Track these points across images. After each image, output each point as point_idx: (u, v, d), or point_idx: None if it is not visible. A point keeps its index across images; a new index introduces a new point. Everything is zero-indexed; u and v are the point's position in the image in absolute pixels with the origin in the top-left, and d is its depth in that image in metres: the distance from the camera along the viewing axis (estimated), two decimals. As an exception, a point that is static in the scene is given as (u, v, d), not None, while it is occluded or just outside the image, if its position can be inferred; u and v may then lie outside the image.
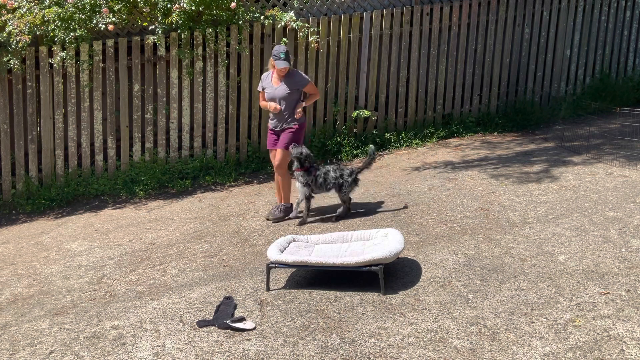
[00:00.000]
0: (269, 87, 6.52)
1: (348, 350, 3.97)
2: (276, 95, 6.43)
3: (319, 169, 6.36)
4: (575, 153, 7.89)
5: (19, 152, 8.05)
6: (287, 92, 6.39)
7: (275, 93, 6.44)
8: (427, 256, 5.25)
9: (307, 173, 6.30)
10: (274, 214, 6.55)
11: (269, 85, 6.52)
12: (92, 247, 6.43)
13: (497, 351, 3.84)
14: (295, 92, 6.43)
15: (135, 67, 8.13)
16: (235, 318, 4.41)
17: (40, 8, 7.75)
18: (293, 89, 6.41)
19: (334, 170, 6.35)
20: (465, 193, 6.75)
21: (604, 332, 3.94)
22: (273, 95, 6.46)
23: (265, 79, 6.61)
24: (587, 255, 5.02)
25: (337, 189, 6.34)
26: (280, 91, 6.41)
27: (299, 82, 6.45)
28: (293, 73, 6.51)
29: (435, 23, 9.08)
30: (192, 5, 7.80)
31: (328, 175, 6.32)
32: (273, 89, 6.47)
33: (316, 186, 6.34)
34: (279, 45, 6.49)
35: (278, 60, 6.29)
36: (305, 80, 6.51)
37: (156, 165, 8.28)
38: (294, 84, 6.42)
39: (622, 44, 10.13)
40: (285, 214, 6.56)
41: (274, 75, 6.50)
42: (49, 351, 4.32)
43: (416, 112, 9.23)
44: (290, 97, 6.41)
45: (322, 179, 6.31)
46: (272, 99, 6.48)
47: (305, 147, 6.35)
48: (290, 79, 6.43)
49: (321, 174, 6.32)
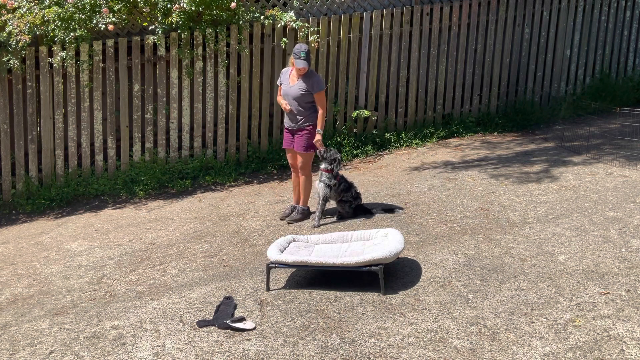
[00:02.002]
0: (285, 83, 6.45)
1: (348, 350, 3.97)
2: (289, 94, 6.36)
3: (342, 177, 6.38)
4: (575, 153, 7.89)
5: (19, 152, 8.05)
6: (301, 93, 6.29)
7: (289, 91, 6.37)
8: (427, 256, 5.25)
9: (333, 176, 6.29)
10: (292, 217, 6.46)
11: (286, 82, 6.45)
12: (92, 247, 6.42)
13: (497, 351, 3.84)
14: (308, 95, 6.31)
15: (135, 67, 8.13)
16: (235, 318, 4.41)
17: (40, 8, 7.75)
18: (307, 91, 6.29)
19: (355, 186, 6.40)
20: (465, 193, 6.75)
21: (604, 332, 3.94)
22: (287, 92, 6.40)
23: (284, 74, 6.53)
24: (587, 255, 5.02)
25: (343, 203, 6.34)
26: (294, 90, 6.33)
27: (314, 86, 6.29)
28: (312, 75, 6.37)
29: (435, 23, 9.08)
30: (192, 5, 7.80)
31: (351, 187, 6.36)
32: (288, 86, 6.40)
33: (336, 192, 6.31)
34: (301, 44, 6.34)
35: (298, 59, 6.20)
36: (320, 86, 6.32)
37: (156, 165, 8.28)
38: (309, 87, 6.29)
39: (622, 44, 10.13)
40: (304, 216, 6.48)
41: (292, 73, 6.41)
42: (49, 351, 4.32)
43: (416, 112, 9.23)
44: (302, 98, 6.31)
45: (343, 187, 6.30)
46: (285, 96, 6.43)
47: (339, 154, 6.37)
48: (307, 80, 6.31)
49: (345, 182, 6.33)
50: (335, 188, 6.28)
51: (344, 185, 6.32)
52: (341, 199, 6.32)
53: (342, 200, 6.32)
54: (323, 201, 6.30)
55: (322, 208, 6.30)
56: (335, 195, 6.32)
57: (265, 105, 8.62)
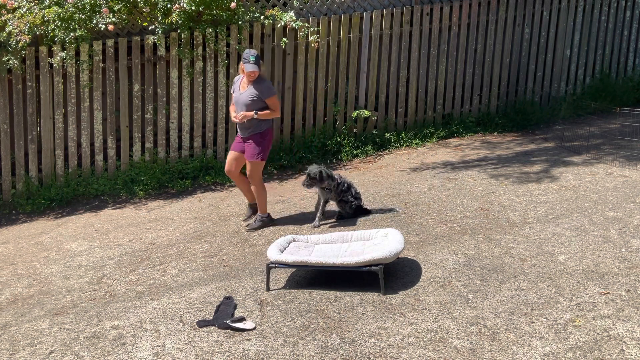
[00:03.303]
0: (237, 91, 6.19)
1: (348, 350, 3.97)
2: (240, 101, 6.10)
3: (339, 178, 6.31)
4: (575, 153, 7.89)
5: (19, 152, 8.05)
6: (251, 100, 6.02)
7: (240, 98, 6.10)
8: (427, 256, 5.25)
9: (331, 178, 6.19)
10: (252, 225, 6.30)
11: (237, 89, 6.20)
12: (92, 247, 6.43)
13: (497, 351, 3.84)
14: (258, 101, 6.05)
15: (135, 67, 8.13)
16: (235, 318, 4.41)
17: (40, 8, 7.75)
18: (257, 97, 6.03)
19: (354, 186, 6.36)
20: (465, 193, 6.75)
21: (604, 332, 3.94)
22: (237, 100, 6.13)
23: (235, 82, 6.29)
24: (587, 255, 5.02)
25: (344, 204, 6.31)
26: (244, 97, 6.07)
27: (264, 91, 6.05)
28: (262, 80, 6.09)
29: (435, 23, 9.08)
30: (192, 5, 7.80)
31: (351, 186, 6.32)
32: (239, 93, 6.14)
33: (336, 192, 6.26)
34: (250, 49, 6.13)
35: (247, 63, 5.93)
36: (270, 92, 6.09)
37: (156, 165, 8.28)
38: (260, 93, 6.04)
39: (622, 44, 10.13)
40: (264, 224, 6.31)
41: (243, 80, 6.17)
42: (49, 351, 4.32)
43: (416, 112, 9.23)
44: (253, 105, 6.03)
45: (343, 187, 6.25)
46: (236, 103, 6.16)
47: (319, 166, 6.18)
48: (257, 86, 6.05)
49: (344, 182, 6.28)
50: (335, 189, 6.26)
51: (344, 186, 6.30)
52: (341, 199, 6.31)
53: (342, 200, 6.31)
54: (324, 203, 6.29)
55: (322, 209, 6.27)
56: (335, 196, 6.30)
57: (265, 105, 8.62)
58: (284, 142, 8.69)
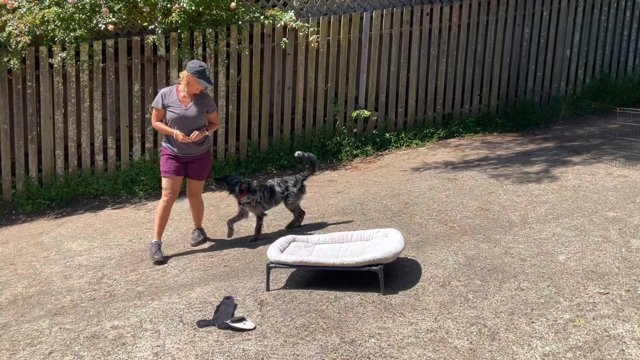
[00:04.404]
0: (176, 106, 5.67)
1: (348, 350, 3.97)
2: (187, 117, 5.65)
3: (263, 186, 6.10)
4: (575, 153, 7.89)
5: (19, 152, 8.05)
6: (201, 115, 5.69)
7: (187, 114, 5.65)
8: (427, 256, 5.25)
9: (252, 193, 5.96)
10: (196, 240, 6.08)
11: (176, 104, 5.68)
12: (92, 247, 6.42)
13: (497, 351, 3.84)
14: (204, 116, 5.76)
15: (135, 67, 8.13)
16: (235, 318, 4.41)
17: (40, 8, 7.74)
18: (203, 111, 5.72)
19: (278, 184, 6.10)
20: (465, 193, 6.75)
21: (604, 332, 3.94)
22: (184, 115, 5.64)
23: (167, 96, 5.72)
24: (587, 255, 5.02)
25: (284, 201, 6.14)
26: (192, 112, 5.66)
27: (212, 105, 5.79)
28: (205, 94, 5.80)
29: (435, 23, 9.08)
30: (192, 5, 7.80)
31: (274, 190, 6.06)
32: (182, 109, 5.65)
33: (266, 202, 6.04)
34: (197, 61, 5.72)
35: (202, 78, 5.51)
36: (213, 106, 5.83)
37: (156, 165, 8.27)
38: (205, 107, 5.74)
39: (622, 44, 10.13)
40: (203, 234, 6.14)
41: (181, 94, 5.69)
42: (49, 351, 4.32)
43: (416, 112, 9.23)
44: (200, 121, 5.71)
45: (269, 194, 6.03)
46: (181, 120, 5.65)
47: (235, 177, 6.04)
48: (202, 101, 5.73)
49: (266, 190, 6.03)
50: (261, 202, 6.01)
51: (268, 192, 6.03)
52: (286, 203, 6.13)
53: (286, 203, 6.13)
54: (258, 219, 6.05)
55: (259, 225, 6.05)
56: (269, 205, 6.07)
57: (265, 105, 8.62)
58: (284, 142, 8.69)
